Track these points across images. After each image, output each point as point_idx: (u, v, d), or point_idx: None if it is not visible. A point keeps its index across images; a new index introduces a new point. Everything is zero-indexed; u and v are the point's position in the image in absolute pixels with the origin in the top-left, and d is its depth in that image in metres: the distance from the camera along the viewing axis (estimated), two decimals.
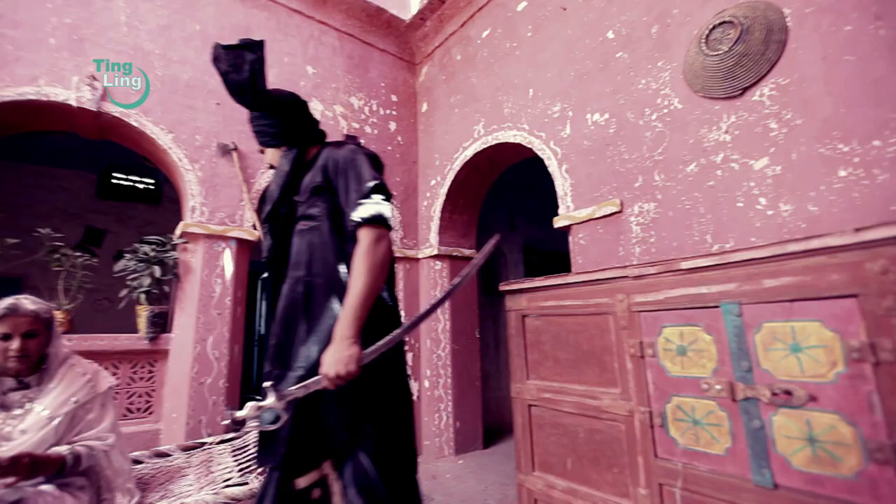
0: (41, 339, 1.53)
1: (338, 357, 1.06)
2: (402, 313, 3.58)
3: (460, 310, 3.79)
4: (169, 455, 2.23)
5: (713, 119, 2.03)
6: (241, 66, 1.27)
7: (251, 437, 2.24)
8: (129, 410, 2.62)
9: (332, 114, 3.67)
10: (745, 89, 1.91)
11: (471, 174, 3.73)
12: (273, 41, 3.43)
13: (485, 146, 3.41)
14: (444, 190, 3.82)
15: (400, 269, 3.85)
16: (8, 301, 1.49)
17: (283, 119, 1.39)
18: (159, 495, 1.81)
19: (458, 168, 3.68)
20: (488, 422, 3.97)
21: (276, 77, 3.38)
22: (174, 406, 2.65)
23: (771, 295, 1.11)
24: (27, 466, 1.33)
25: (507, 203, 5.05)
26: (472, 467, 3.29)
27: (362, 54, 4.00)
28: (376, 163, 1.37)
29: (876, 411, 0.95)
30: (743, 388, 1.14)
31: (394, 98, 4.16)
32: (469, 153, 3.56)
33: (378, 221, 1.18)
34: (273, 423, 1.11)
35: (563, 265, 2.60)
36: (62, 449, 1.47)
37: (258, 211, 3.06)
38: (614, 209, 2.36)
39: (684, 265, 1.27)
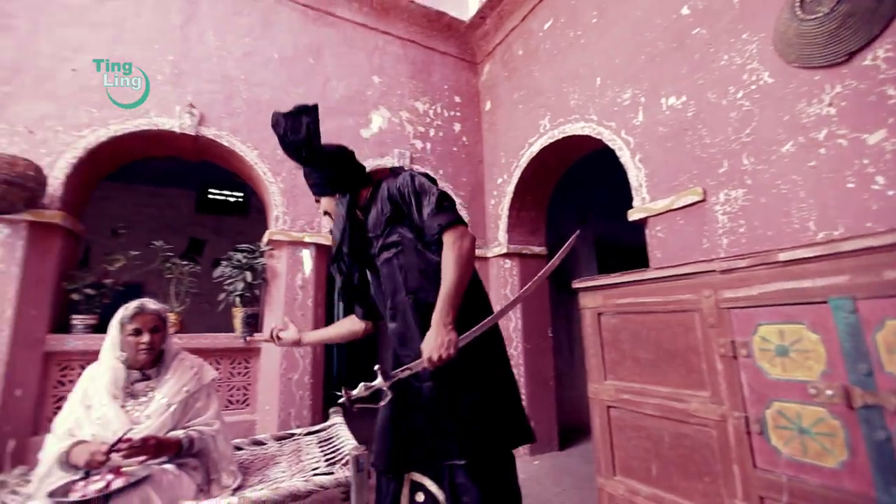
0: (161, 335, 1.75)
1: (437, 342, 1.13)
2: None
3: (532, 308, 3.73)
4: (264, 444, 2.44)
5: (813, 91, 1.80)
6: (298, 128, 1.38)
7: (335, 430, 2.37)
8: (230, 402, 2.91)
9: (398, 120, 3.80)
10: (853, 54, 1.67)
11: (538, 170, 3.66)
12: (340, 56, 3.63)
13: (551, 140, 3.32)
14: (510, 188, 3.78)
15: None
16: (136, 302, 1.73)
17: (334, 170, 1.48)
18: (257, 479, 1.98)
19: (524, 165, 3.63)
20: (563, 422, 3.86)
21: (345, 89, 3.57)
22: (267, 399, 2.90)
23: (895, 288, 0.97)
24: (153, 447, 1.53)
25: (577, 197, 4.88)
26: (548, 469, 3.22)
27: (425, 59, 4.09)
28: (431, 180, 1.44)
29: None
30: (862, 395, 1.01)
31: (457, 99, 4.20)
32: (535, 149, 3.49)
33: (456, 222, 1.27)
34: (380, 401, 1.24)
35: (639, 260, 2.45)
36: (178, 433, 1.67)
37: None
38: (696, 198, 2.19)
39: (782, 256, 1.15)
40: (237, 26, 3.25)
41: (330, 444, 2.32)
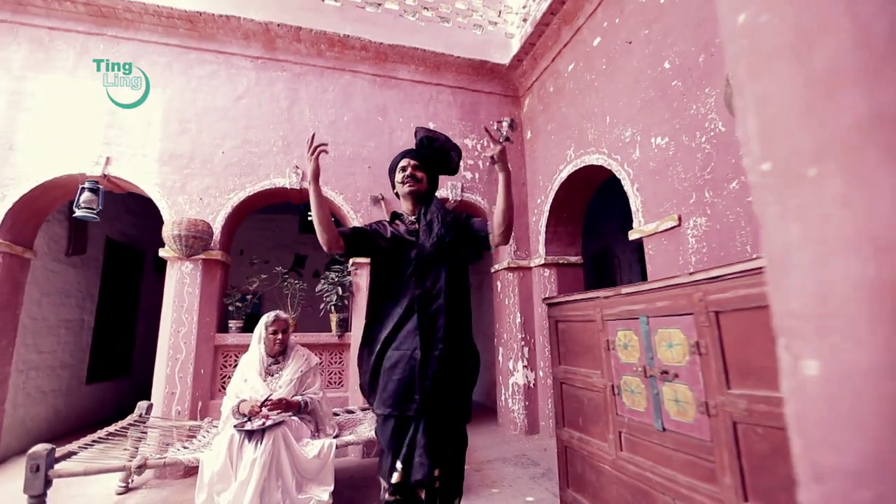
0: (287, 335, 2.75)
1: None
2: (519, 314, 4.39)
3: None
4: (353, 412, 3.41)
5: None
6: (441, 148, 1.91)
7: None
8: (329, 383, 3.95)
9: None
10: None
11: (569, 192, 4.22)
12: (402, 110, 4.54)
13: (575, 168, 3.89)
14: (547, 207, 4.39)
15: (515, 278, 4.57)
16: (273, 313, 2.74)
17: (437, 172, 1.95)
18: (348, 432, 2.93)
19: (556, 187, 4.22)
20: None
21: (407, 137, 4.47)
22: (354, 381, 3.89)
23: (660, 311, 1.68)
24: (284, 405, 2.51)
25: (618, 206, 5.27)
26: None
27: (472, 101, 4.85)
28: None
29: (700, 382, 1.49)
30: (649, 370, 1.73)
31: None
32: (564, 174, 4.07)
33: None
34: None
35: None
36: (298, 398, 2.64)
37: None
38: (674, 223, 2.68)
39: (624, 290, 1.88)
40: (324, 101, 4.31)
41: None
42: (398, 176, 1.91)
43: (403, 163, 1.90)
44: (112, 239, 5.14)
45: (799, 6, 0.32)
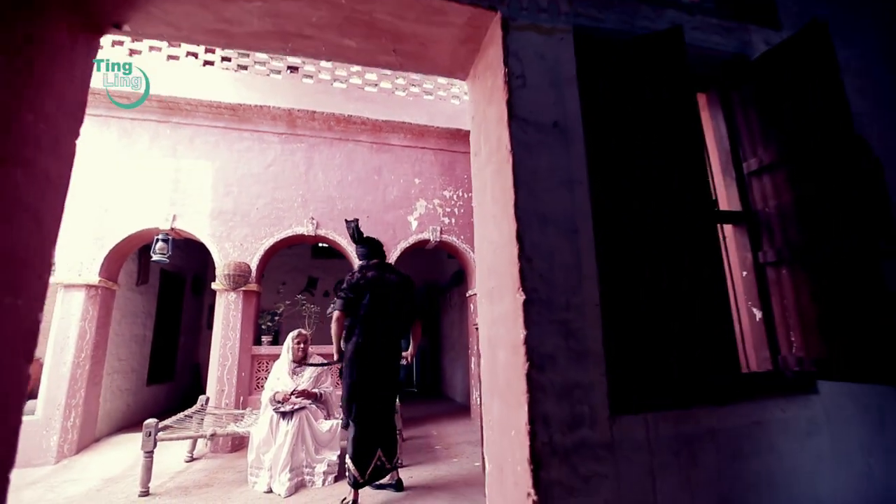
0: (307, 345, 3.99)
1: (411, 353, 3.24)
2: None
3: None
4: None
5: None
6: (353, 228, 3.47)
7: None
8: (337, 383, 5.14)
9: (432, 206, 5.85)
10: None
11: None
12: (393, 170, 5.80)
13: None
14: None
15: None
16: (297, 330, 3.99)
17: (366, 246, 3.50)
18: None
19: None
20: None
21: (397, 191, 5.72)
22: None
23: None
24: (307, 395, 3.74)
25: None
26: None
27: (451, 160, 6.10)
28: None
29: None
30: None
31: None
32: None
33: (420, 317, 3.35)
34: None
35: None
36: (315, 390, 3.87)
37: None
38: None
39: None
40: (333, 165, 5.59)
41: None
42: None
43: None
44: (165, 270, 6.43)
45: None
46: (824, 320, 1.56)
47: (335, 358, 3.26)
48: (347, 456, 3.05)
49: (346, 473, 3.05)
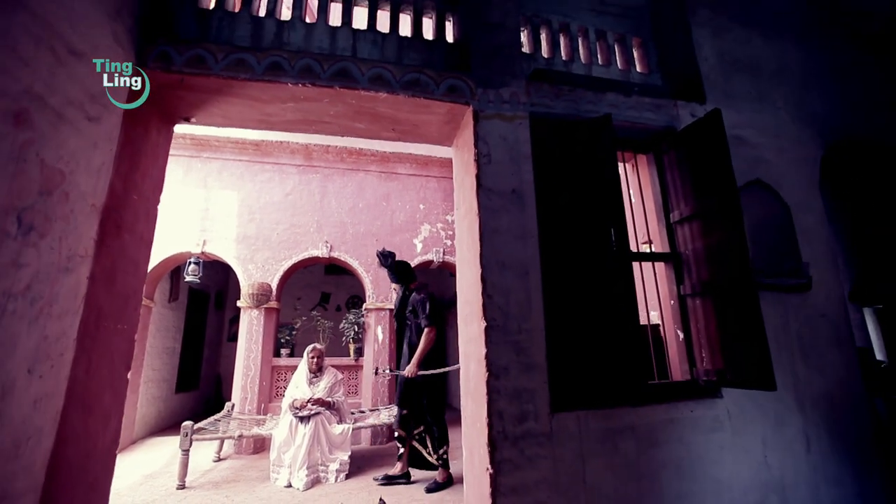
0: (322, 358, 4.50)
1: (409, 369, 3.68)
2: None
3: None
4: (364, 411, 5.11)
5: None
6: (387, 258, 4.02)
7: (395, 408, 4.95)
8: (348, 392, 5.65)
9: (436, 229, 6.37)
10: None
11: None
12: (400, 196, 6.35)
13: None
14: None
15: None
16: (313, 344, 4.51)
17: (399, 273, 4.05)
18: (360, 422, 4.62)
19: None
20: None
21: (404, 216, 6.25)
22: (366, 391, 5.58)
23: None
24: (322, 402, 4.24)
25: None
26: None
27: (452, 187, 6.61)
28: (432, 298, 3.91)
29: None
30: None
31: None
32: None
33: (430, 325, 3.79)
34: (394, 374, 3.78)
35: None
36: (329, 399, 4.37)
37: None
38: None
39: None
40: (346, 193, 6.15)
41: (390, 411, 4.91)
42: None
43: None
44: (192, 287, 7.04)
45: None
46: (722, 340, 2.02)
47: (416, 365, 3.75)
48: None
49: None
